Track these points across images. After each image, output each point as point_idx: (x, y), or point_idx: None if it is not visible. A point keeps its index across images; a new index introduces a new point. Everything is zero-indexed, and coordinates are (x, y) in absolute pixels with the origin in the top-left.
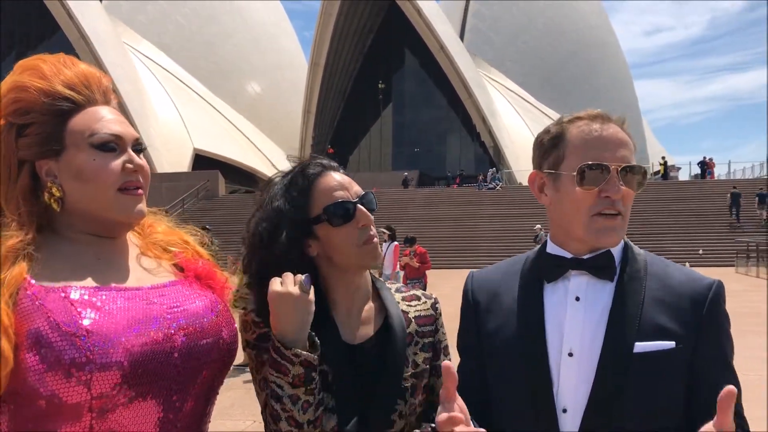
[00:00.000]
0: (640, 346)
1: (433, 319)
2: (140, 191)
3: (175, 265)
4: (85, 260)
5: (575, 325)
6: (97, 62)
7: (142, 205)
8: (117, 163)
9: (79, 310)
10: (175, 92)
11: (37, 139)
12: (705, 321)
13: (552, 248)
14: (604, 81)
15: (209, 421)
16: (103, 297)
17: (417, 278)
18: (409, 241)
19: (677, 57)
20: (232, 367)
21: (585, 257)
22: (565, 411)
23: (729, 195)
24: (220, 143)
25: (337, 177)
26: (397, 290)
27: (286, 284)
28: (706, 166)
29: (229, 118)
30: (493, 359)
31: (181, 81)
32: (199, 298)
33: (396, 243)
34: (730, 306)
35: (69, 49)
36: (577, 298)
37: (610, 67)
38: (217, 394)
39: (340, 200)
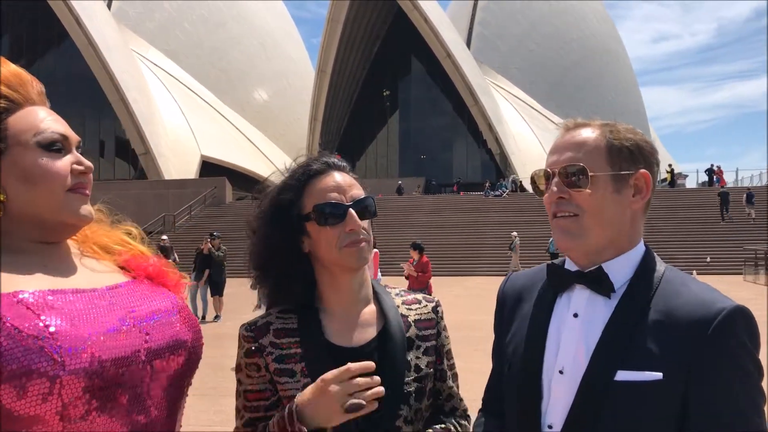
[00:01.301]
0: (623, 375)
1: (434, 323)
2: (88, 192)
3: (120, 266)
4: (31, 266)
5: (570, 343)
6: (105, 69)
7: (89, 207)
8: (65, 163)
9: (37, 313)
10: (182, 99)
11: None
12: (705, 351)
13: (568, 260)
14: (610, 88)
15: (181, 425)
16: (60, 300)
17: (420, 289)
18: (417, 247)
19: (684, 64)
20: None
21: (586, 270)
22: (550, 427)
23: (718, 194)
24: (227, 150)
25: (337, 177)
26: (398, 294)
27: (343, 391)
28: (713, 173)
29: (236, 125)
30: (504, 365)
31: (188, 88)
32: (156, 298)
33: (376, 250)
34: None
35: (77, 55)
36: (575, 315)
37: (617, 74)
38: (186, 395)
39: (330, 201)
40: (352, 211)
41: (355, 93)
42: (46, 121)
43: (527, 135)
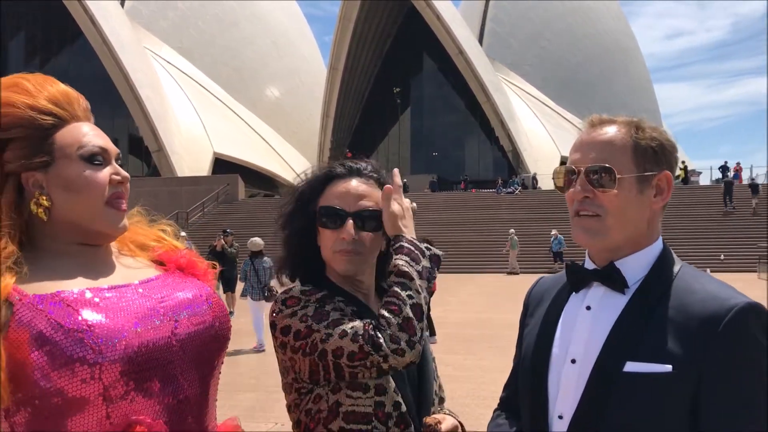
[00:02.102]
0: (632, 366)
1: None
2: (124, 205)
3: (155, 260)
4: (71, 267)
5: (582, 334)
6: (119, 67)
7: (126, 221)
8: (105, 174)
9: (76, 308)
10: (195, 97)
11: (24, 152)
12: (716, 348)
13: (586, 260)
14: (623, 85)
15: (216, 399)
16: (97, 296)
17: None
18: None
19: (698, 61)
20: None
21: (600, 267)
22: (561, 417)
23: (723, 183)
24: (240, 147)
25: (353, 184)
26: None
27: (402, 202)
28: (726, 171)
29: (248, 123)
30: (518, 361)
31: (201, 86)
32: (185, 287)
33: None
34: None
35: (91, 53)
36: (588, 308)
37: (630, 71)
38: (219, 378)
39: (333, 206)
40: (350, 220)
41: (366, 90)
42: (88, 135)
43: (539, 132)
